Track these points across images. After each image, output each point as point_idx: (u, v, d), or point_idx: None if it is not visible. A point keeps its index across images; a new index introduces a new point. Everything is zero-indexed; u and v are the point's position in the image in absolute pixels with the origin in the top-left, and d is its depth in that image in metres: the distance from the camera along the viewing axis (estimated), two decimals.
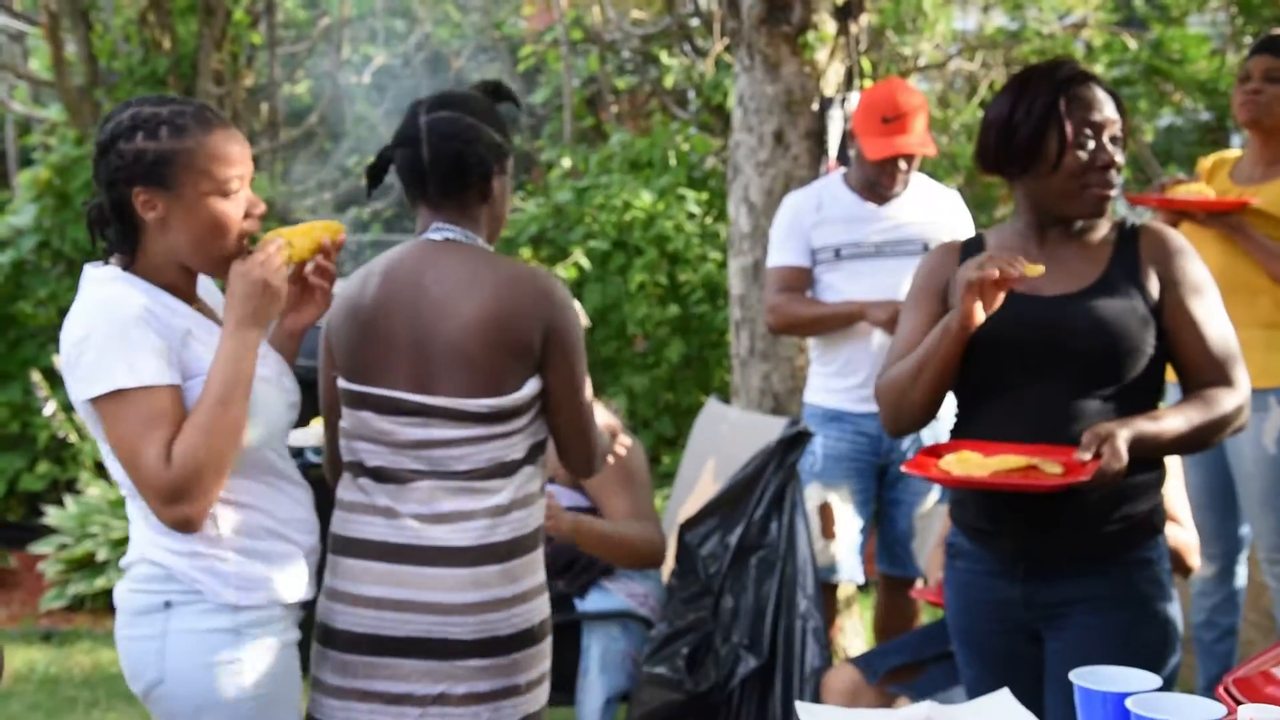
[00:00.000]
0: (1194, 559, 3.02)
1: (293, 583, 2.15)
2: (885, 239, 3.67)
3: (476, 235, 2.29)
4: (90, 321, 2.01)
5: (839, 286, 3.67)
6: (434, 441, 2.21)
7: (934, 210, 3.75)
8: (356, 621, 2.21)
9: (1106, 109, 2.21)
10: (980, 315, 2.12)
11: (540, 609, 2.29)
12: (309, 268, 2.21)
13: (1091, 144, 2.20)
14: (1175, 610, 2.26)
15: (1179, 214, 3.41)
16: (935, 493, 3.70)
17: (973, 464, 2.13)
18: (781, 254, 3.75)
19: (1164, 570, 2.25)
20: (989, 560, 2.27)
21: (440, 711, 2.19)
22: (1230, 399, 2.20)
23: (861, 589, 4.70)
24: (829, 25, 4.53)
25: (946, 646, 2.92)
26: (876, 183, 3.68)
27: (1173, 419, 2.16)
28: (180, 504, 1.97)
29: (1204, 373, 2.21)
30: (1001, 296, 2.12)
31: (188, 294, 2.12)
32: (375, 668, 2.21)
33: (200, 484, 1.97)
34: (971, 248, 2.33)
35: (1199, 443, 2.24)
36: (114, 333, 1.98)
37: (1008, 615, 2.26)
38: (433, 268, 2.25)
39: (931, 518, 3.72)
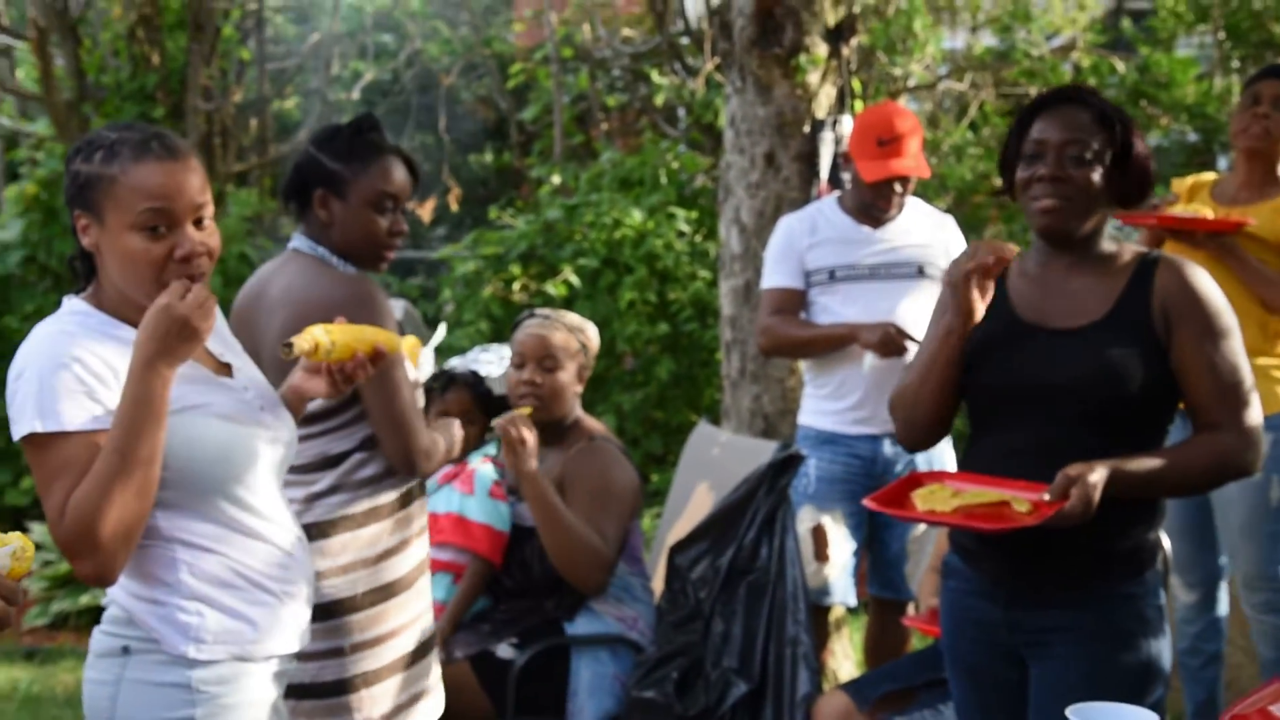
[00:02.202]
0: None
1: (266, 638, 2.00)
2: (880, 261, 3.68)
3: (320, 246, 2.61)
4: (26, 359, 1.90)
5: (833, 309, 3.67)
6: None
7: (928, 233, 3.75)
8: None
9: (1066, 128, 2.18)
10: (981, 306, 2.20)
11: (361, 581, 2.56)
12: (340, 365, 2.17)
13: (1039, 160, 2.20)
14: (1160, 646, 2.23)
15: (1170, 233, 3.40)
16: None
17: (939, 498, 2.17)
18: (775, 276, 3.75)
19: (1150, 605, 2.22)
20: (976, 580, 2.29)
21: None
22: (1228, 443, 2.17)
23: (851, 611, 4.68)
24: (820, 48, 4.53)
25: (938, 673, 2.91)
26: (872, 205, 3.69)
27: (1157, 462, 2.14)
28: (79, 559, 1.84)
29: (1208, 415, 2.19)
30: (992, 285, 2.21)
31: None
32: None
33: (93, 538, 1.81)
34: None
35: (1189, 486, 2.25)
36: (42, 374, 1.87)
37: (992, 637, 2.27)
38: (277, 277, 2.61)
39: (924, 541, 3.71)
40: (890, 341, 3.51)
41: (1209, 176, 3.63)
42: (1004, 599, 2.24)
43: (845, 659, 4.33)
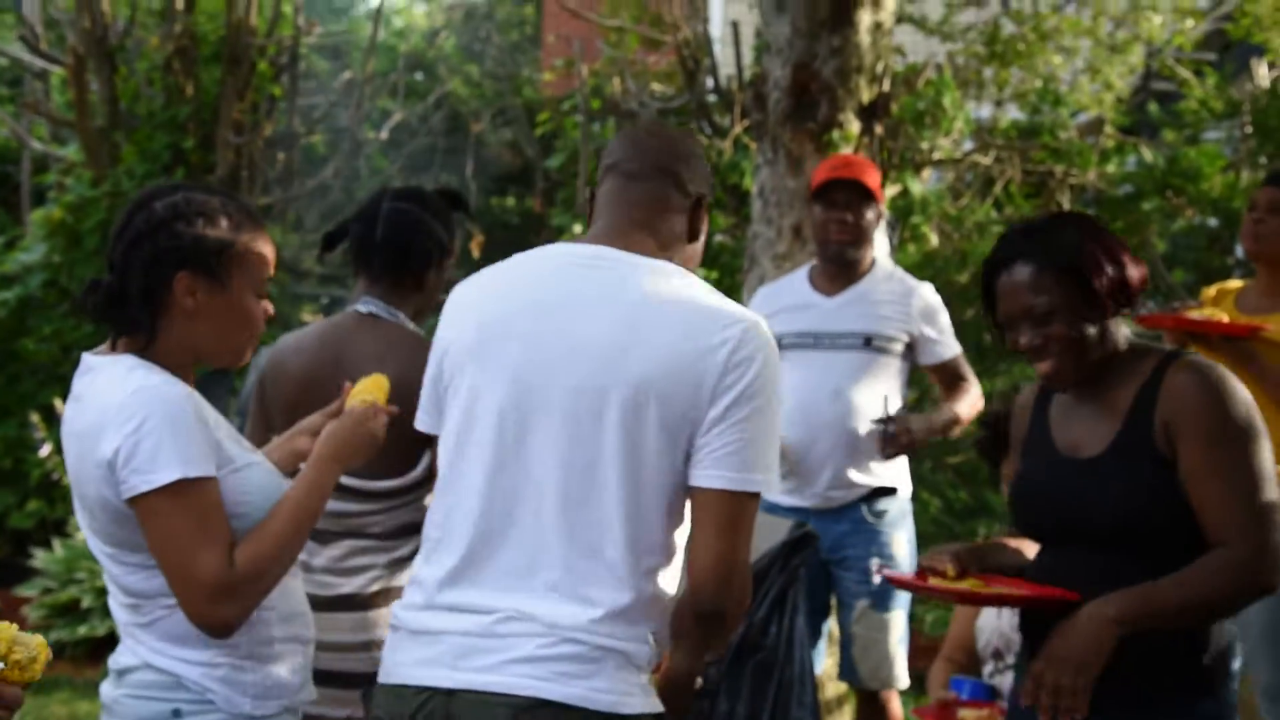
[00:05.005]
0: None
1: (304, 684, 2.09)
2: (824, 330, 3.66)
3: (399, 311, 2.63)
4: (140, 410, 1.90)
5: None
6: (350, 513, 2.53)
7: (884, 304, 3.69)
8: None
9: (1021, 294, 2.15)
10: None
11: None
12: None
13: (1014, 330, 2.19)
14: None
15: (1190, 336, 3.40)
16: (866, 599, 3.67)
17: (948, 582, 2.24)
18: None
19: None
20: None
21: None
22: (1241, 559, 2.03)
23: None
24: (854, 124, 4.57)
25: None
26: (825, 242, 3.66)
27: (1168, 589, 2.04)
28: (229, 605, 1.90)
29: (1217, 532, 2.07)
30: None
31: (190, 382, 2.05)
32: None
33: (256, 591, 1.94)
34: (1045, 398, 2.33)
35: (1208, 609, 2.08)
36: (170, 421, 1.90)
37: None
38: (351, 345, 2.58)
39: (870, 626, 3.69)
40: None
41: (1234, 284, 3.65)
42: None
43: None
